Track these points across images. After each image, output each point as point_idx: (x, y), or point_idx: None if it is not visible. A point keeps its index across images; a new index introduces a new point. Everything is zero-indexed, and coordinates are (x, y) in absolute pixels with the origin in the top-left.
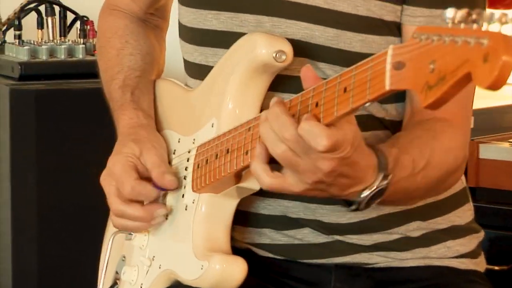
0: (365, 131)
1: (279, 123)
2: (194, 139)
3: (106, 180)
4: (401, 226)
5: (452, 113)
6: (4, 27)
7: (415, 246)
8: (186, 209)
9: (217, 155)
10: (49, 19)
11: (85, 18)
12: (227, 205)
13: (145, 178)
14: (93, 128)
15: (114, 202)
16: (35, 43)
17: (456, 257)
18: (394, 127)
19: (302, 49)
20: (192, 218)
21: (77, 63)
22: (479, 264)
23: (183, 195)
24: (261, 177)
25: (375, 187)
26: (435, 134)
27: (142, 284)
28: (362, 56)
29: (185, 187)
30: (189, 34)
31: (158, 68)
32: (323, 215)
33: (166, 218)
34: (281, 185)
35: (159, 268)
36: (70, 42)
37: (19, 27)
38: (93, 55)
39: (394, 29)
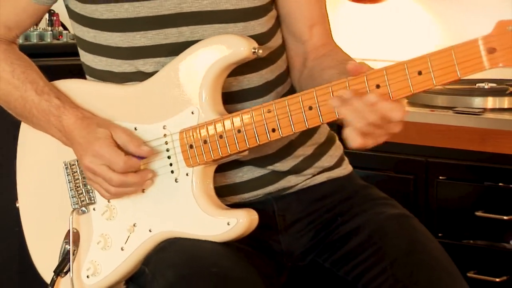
0: (266, 95)
1: (370, 109)
2: (164, 125)
3: (94, 162)
4: (301, 147)
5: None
6: None
7: (313, 162)
8: (177, 181)
9: (221, 136)
10: None
11: (52, 11)
12: (212, 169)
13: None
14: None
15: (113, 176)
16: None
17: (337, 163)
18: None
19: None
20: (190, 187)
21: (46, 45)
22: (349, 164)
23: (172, 171)
24: (355, 139)
25: None
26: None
27: (122, 247)
28: (262, 35)
29: (171, 164)
30: (114, 52)
31: None
32: (257, 152)
33: (143, 191)
34: (365, 145)
35: (150, 231)
36: (40, 29)
37: None
38: (58, 39)
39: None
